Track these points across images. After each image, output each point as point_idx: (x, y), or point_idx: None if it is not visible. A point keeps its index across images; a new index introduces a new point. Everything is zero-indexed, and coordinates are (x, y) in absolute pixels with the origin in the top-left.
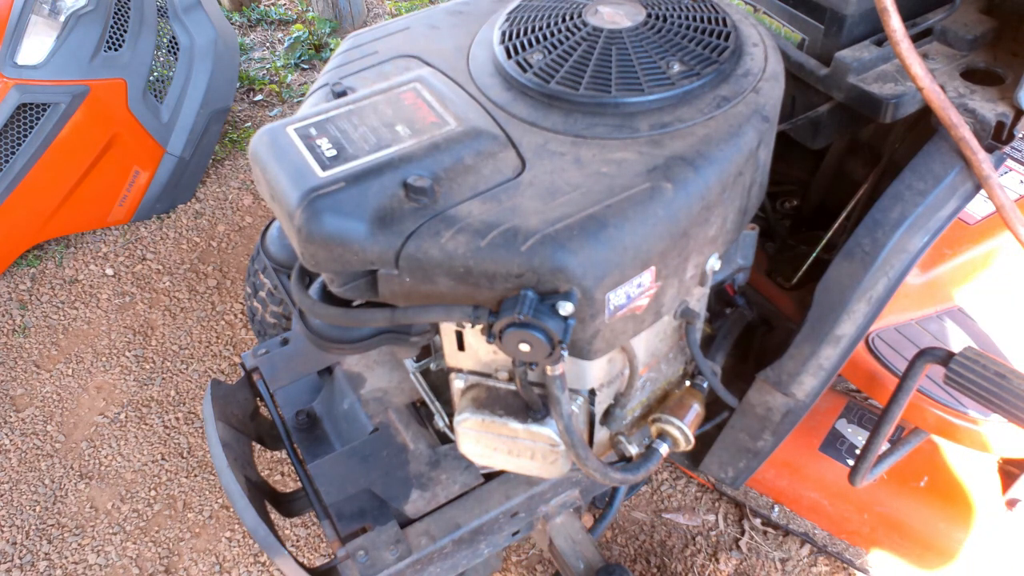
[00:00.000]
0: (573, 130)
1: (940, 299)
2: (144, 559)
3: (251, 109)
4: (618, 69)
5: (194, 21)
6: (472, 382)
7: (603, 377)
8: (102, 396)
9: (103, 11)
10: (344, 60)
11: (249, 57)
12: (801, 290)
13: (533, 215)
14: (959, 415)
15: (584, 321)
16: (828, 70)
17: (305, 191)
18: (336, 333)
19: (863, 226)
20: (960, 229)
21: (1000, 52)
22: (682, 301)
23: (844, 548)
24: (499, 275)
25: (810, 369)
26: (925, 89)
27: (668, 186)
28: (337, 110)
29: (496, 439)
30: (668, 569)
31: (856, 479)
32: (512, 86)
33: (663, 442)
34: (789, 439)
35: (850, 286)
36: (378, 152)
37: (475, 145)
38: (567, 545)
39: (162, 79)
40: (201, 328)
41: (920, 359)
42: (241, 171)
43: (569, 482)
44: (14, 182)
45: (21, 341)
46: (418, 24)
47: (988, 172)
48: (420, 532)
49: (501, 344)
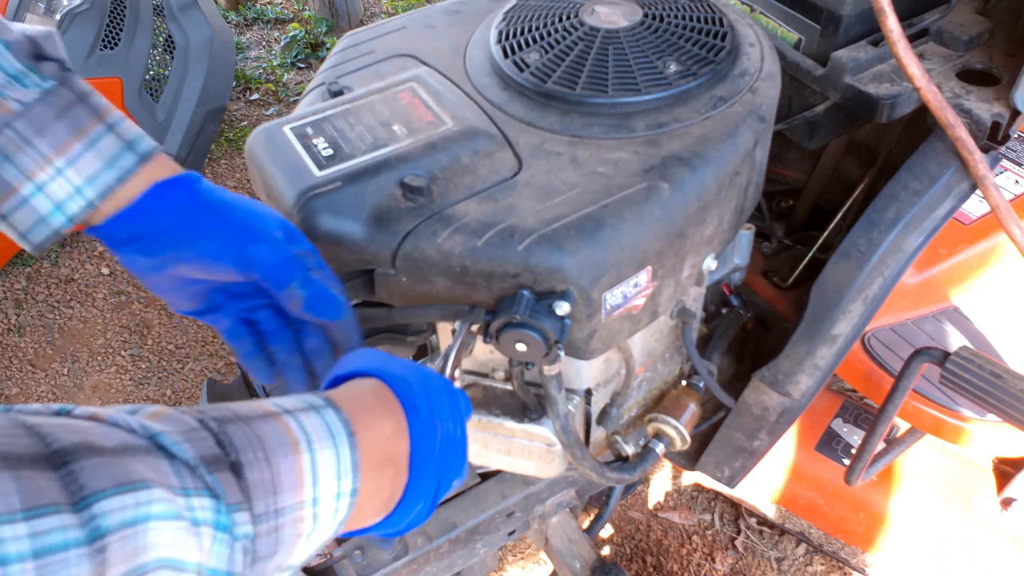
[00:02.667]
0: (570, 130)
1: (936, 299)
2: None
3: (247, 108)
4: (615, 69)
5: (190, 20)
6: (468, 382)
7: (599, 377)
8: (98, 395)
9: (99, 9)
10: (340, 59)
11: (245, 56)
12: (797, 290)
13: (530, 215)
14: (955, 415)
15: (580, 321)
16: (824, 70)
17: (301, 190)
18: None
19: (859, 226)
20: (956, 229)
21: (996, 53)
22: (678, 301)
23: (840, 547)
24: (496, 275)
25: (806, 369)
26: (922, 89)
27: (664, 186)
28: (333, 109)
29: (492, 438)
30: (664, 568)
31: (852, 478)
32: (509, 86)
33: (659, 442)
34: (785, 438)
35: (846, 286)
36: (375, 151)
37: (472, 145)
38: (563, 544)
39: (158, 78)
40: (197, 327)
41: (916, 359)
42: (237, 170)
43: (565, 482)
44: None
45: (16, 340)
46: (415, 23)
47: (984, 172)
48: (416, 532)
49: (498, 344)
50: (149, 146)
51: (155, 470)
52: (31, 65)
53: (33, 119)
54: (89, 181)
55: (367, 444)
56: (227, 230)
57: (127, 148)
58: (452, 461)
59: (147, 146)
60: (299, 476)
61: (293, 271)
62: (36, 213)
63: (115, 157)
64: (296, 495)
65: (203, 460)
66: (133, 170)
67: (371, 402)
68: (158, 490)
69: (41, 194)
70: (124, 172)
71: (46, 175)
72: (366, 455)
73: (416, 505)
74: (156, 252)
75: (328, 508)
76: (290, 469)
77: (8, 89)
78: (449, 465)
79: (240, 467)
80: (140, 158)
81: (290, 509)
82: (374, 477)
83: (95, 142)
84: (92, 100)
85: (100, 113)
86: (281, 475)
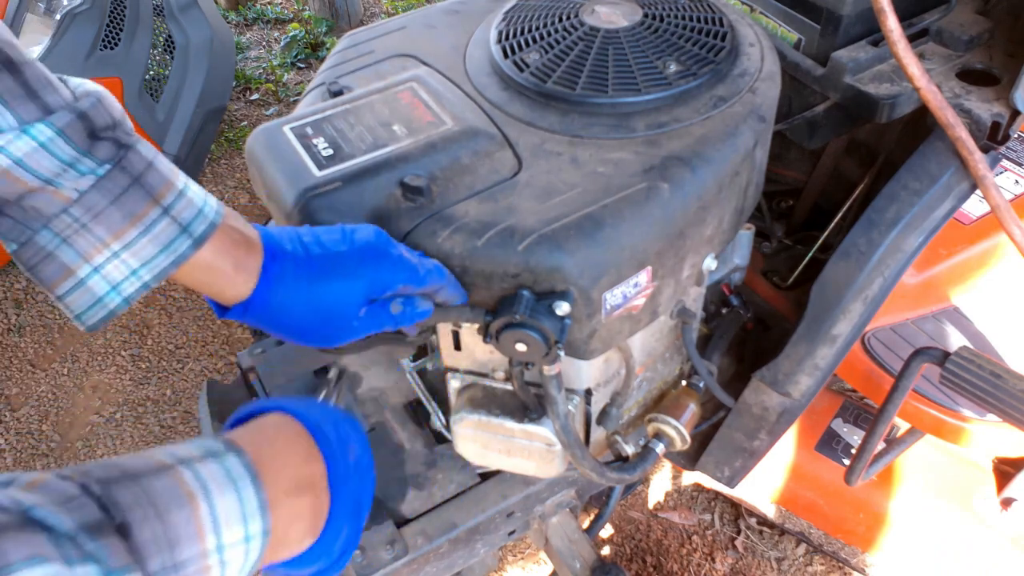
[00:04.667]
0: (570, 130)
1: (936, 299)
2: None
3: (247, 108)
4: (615, 69)
5: (190, 20)
6: (468, 382)
7: (599, 377)
8: (98, 395)
9: (99, 10)
10: (340, 59)
11: (245, 56)
12: (797, 290)
13: (530, 215)
14: (955, 415)
15: (580, 321)
16: (824, 70)
17: (301, 190)
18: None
19: (859, 226)
20: (956, 229)
21: (996, 53)
22: (678, 301)
23: (840, 547)
24: (496, 275)
25: (806, 369)
26: (922, 89)
27: (664, 186)
28: (333, 109)
29: (492, 439)
30: (664, 568)
31: (852, 478)
32: (509, 86)
33: (659, 442)
34: (785, 438)
35: (846, 286)
36: (375, 151)
37: (472, 145)
38: (563, 544)
39: (158, 78)
40: (197, 327)
41: (916, 359)
42: (237, 170)
43: (565, 482)
44: None
45: (16, 340)
46: (415, 23)
47: (984, 172)
48: (416, 532)
49: (498, 344)
50: (204, 228)
51: (32, 546)
52: (85, 150)
53: (89, 206)
54: (144, 265)
55: (275, 475)
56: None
57: (182, 232)
58: (367, 484)
59: (202, 229)
60: (198, 526)
61: (434, 274)
62: (92, 294)
63: (170, 242)
64: (197, 545)
65: (84, 527)
66: (189, 255)
67: (276, 434)
68: (45, 566)
69: (97, 275)
70: (180, 257)
71: (103, 257)
72: (276, 486)
73: (342, 526)
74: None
75: (237, 552)
76: (187, 520)
77: (64, 178)
78: (365, 488)
79: (127, 528)
80: (195, 242)
81: (191, 560)
82: (290, 503)
83: (150, 228)
84: (148, 180)
85: (156, 195)
86: (177, 527)
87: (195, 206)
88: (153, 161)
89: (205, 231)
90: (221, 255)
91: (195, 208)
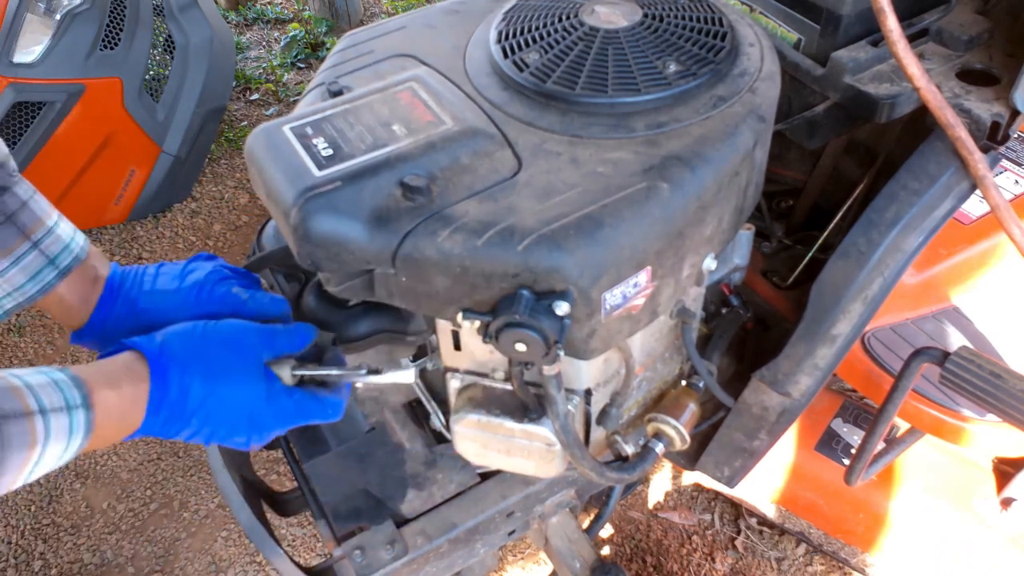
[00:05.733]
0: (570, 130)
1: (936, 299)
2: (140, 558)
3: (247, 108)
4: (614, 69)
5: (190, 20)
6: (468, 382)
7: (599, 377)
8: None
9: (99, 9)
10: (340, 59)
11: (245, 56)
12: (797, 290)
13: (529, 214)
14: (955, 415)
15: (580, 321)
16: (824, 70)
17: (301, 190)
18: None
19: (858, 226)
20: (956, 229)
21: (996, 53)
22: (678, 301)
23: (840, 547)
24: (495, 274)
25: (806, 368)
26: (922, 89)
27: (664, 186)
28: (333, 109)
29: (492, 438)
30: (664, 568)
31: (852, 478)
32: (509, 86)
33: (659, 441)
34: (785, 438)
35: (845, 285)
36: (374, 151)
37: (471, 144)
38: (563, 544)
39: (158, 78)
40: None
41: (916, 359)
42: (237, 170)
43: (565, 482)
44: None
45: (16, 340)
46: (414, 23)
47: (984, 172)
48: (416, 531)
49: (497, 344)
50: (69, 261)
51: None
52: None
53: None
54: (16, 290)
55: (95, 376)
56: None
57: (49, 264)
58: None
59: (67, 261)
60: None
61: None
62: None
63: (37, 272)
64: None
65: None
66: (55, 283)
67: (115, 370)
68: None
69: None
70: (46, 285)
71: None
72: (97, 384)
73: (168, 384)
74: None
75: (61, 422)
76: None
77: None
78: (211, 354)
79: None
80: (60, 273)
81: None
82: (107, 393)
83: (19, 260)
84: (21, 218)
85: (27, 231)
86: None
87: (62, 242)
88: (28, 201)
89: (70, 264)
90: (72, 289)
91: (61, 245)
